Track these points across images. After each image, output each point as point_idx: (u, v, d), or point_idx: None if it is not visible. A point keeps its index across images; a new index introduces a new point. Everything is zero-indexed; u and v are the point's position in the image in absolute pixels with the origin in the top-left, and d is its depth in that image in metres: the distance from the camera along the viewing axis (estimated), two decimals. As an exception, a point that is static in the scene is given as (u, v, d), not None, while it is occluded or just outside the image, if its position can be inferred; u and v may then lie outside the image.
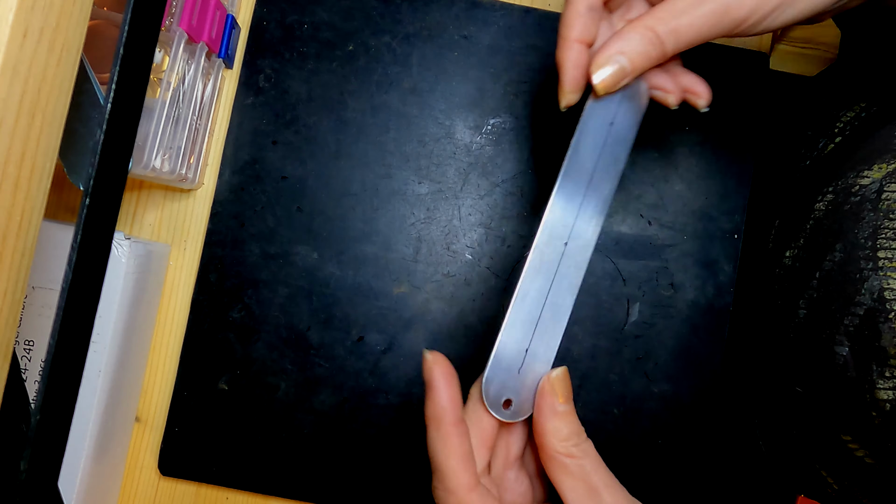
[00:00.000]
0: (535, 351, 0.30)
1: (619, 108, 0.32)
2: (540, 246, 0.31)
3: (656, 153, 0.44)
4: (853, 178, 0.37)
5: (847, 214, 0.36)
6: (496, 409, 0.30)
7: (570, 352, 0.43)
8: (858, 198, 0.36)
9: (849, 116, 0.45)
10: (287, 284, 0.43)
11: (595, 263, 0.44)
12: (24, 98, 0.22)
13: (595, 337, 0.43)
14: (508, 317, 0.31)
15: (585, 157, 0.32)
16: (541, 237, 0.31)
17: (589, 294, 0.43)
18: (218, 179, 0.44)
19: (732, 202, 0.44)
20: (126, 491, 0.43)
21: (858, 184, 0.36)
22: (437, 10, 0.45)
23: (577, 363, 0.43)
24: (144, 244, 0.40)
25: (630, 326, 0.43)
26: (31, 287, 0.37)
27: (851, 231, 0.35)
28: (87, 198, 0.24)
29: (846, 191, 0.37)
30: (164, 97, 0.37)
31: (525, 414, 0.30)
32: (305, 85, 0.44)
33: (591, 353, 0.43)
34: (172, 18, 0.37)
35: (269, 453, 0.42)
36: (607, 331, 0.43)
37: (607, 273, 0.44)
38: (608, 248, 0.44)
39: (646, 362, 0.43)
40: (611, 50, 0.30)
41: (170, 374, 0.44)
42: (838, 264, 0.35)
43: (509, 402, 0.30)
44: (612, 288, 0.43)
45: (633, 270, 0.44)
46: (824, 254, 0.36)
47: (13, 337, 0.24)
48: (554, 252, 0.31)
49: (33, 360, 0.37)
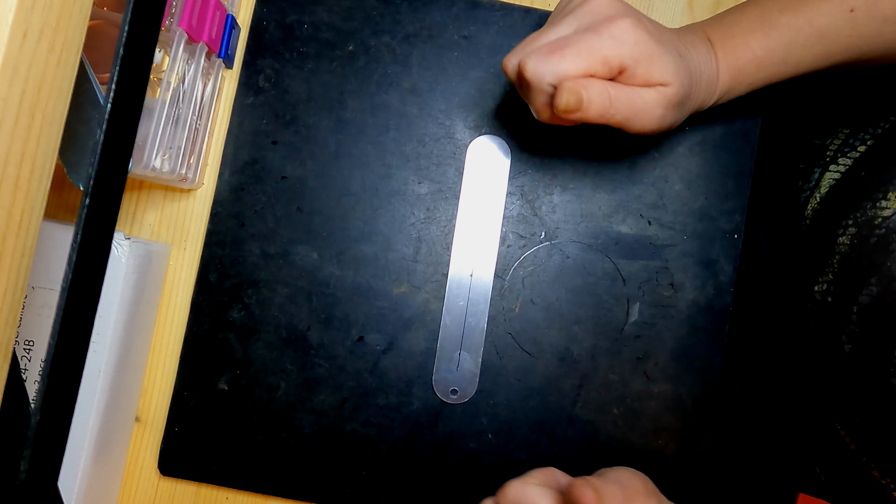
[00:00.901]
0: (464, 355, 0.43)
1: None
2: (452, 276, 0.43)
3: (656, 153, 0.44)
4: (871, 209, 0.38)
5: (876, 248, 0.37)
6: (446, 396, 0.43)
7: (570, 352, 0.43)
8: (884, 230, 0.37)
9: (836, 145, 0.45)
10: (287, 284, 0.43)
11: (595, 263, 0.44)
12: (24, 98, 0.22)
13: (595, 337, 0.43)
14: (441, 332, 0.43)
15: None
16: (452, 269, 0.43)
17: (589, 294, 0.43)
18: (218, 179, 0.44)
19: (732, 202, 0.44)
20: (126, 491, 0.43)
21: (880, 216, 0.38)
22: (437, 10, 0.45)
23: (577, 363, 0.43)
24: (144, 244, 0.40)
25: (630, 326, 0.43)
26: (31, 287, 0.37)
27: (884, 265, 0.36)
28: (87, 198, 0.24)
29: (868, 224, 0.38)
30: (164, 97, 0.37)
31: (467, 397, 0.42)
32: (305, 85, 0.44)
33: (591, 353, 0.43)
34: (172, 18, 0.37)
35: (269, 453, 0.42)
36: (607, 331, 0.43)
37: (607, 273, 0.44)
38: (608, 248, 0.44)
39: (646, 362, 0.43)
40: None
41: (170, 374, 0.44)
42: (877, 298, 0.36)
43: (455, 390, 0.42)
44: (612, 288, 0.43)
45: (633, 270, 0.44)
46: (860, 288, 0.37)
47: (13, 337, 0.24)
48: (463, 282, 0.43)
49: (33, 360, 0.37)
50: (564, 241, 0.44)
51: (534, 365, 0.43)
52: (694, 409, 0.43)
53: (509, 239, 0.44)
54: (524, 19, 0.45)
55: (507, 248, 0.44)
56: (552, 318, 0.43)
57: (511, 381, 0.43)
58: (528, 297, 0.43)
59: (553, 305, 0.43)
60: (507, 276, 0.44)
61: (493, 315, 0.43)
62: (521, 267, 0.43)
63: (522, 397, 0.43)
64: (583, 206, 0.44)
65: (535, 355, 0.43)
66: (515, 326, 0.43)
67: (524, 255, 0.43)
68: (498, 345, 0.43)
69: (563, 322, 0.43)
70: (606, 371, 0.43)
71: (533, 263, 0.44)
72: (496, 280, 0.43)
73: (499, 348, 0.43)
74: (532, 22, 0.45)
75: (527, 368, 0.43)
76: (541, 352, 0.43)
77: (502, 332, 0.43)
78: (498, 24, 0.45)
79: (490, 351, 0.43)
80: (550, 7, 0.46)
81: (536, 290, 0.43)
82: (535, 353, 0.43)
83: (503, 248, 0.44)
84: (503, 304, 0.43)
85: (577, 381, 0.43)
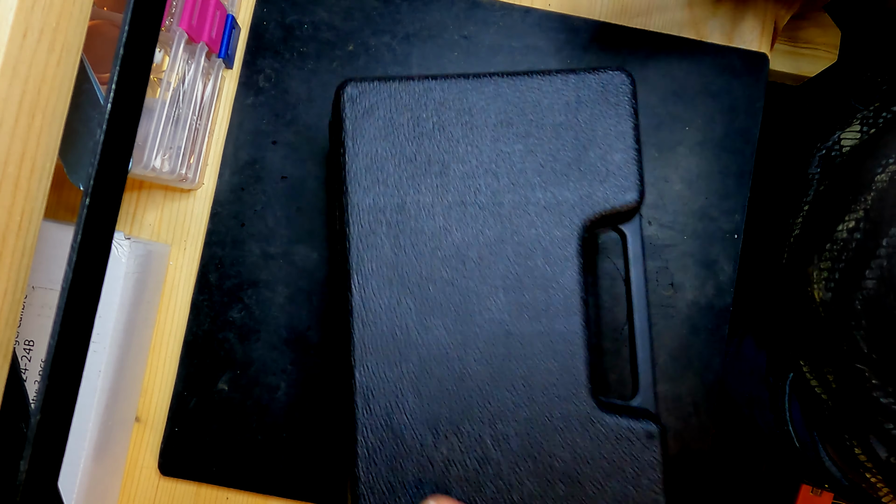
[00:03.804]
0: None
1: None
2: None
3: (656, 153, 0.44)
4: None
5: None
6: None
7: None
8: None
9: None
10: (287, 284, 0.43)
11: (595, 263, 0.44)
12: (24, 98, 0.22)
13: (595, 337, 0.43)
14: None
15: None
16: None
17: (589, 294, 0.43)
18: (218, 179, 0.44)
19: (732, 202, 0.44)
20: (126, 491, 0.43)
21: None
22: (437, 10, 0.45)
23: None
24: (144, 244, 0.40)
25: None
26: (31, 287, 0.37)
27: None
28: (87, 198, 0.24)
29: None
30: (164, 97, 0.37)
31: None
32: (305, 85, 0.44)
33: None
34: (172, 18, 0.37)
35: (269, 453, 0.42)
36: (607, 331, 0.43)
37: (607, 273, 0.44)
38: (608, 248, 0.44)
39: (646, 362, 0.43)
40: None
41: (170, 374, 0.44)
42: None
43: None
44: (613, 288, 0.43)
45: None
46: (892, 221, 0.36)
47: (13, 337, 0.24)
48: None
49: (33, 360, 0.37)
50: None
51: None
52: (694, 409, 0.43)
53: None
54: (524, 19, 0.45)
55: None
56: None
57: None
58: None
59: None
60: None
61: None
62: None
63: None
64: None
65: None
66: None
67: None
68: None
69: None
70: (606, 371, 0.43)
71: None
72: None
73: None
74: (532, 22, 0.45)
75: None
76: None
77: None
78: (498, 24, 0.45)
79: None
80: (551, 7, 0.46)
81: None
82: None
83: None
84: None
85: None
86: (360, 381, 0.33)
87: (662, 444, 0.33)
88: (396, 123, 0.34)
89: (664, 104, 0.44)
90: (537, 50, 0.45)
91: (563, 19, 0.45)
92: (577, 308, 0.34)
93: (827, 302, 0.40)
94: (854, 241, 0.38)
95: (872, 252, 0.37)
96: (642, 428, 0.33)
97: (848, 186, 0.41)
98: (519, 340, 0.33)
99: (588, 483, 0.33)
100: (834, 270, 0.40)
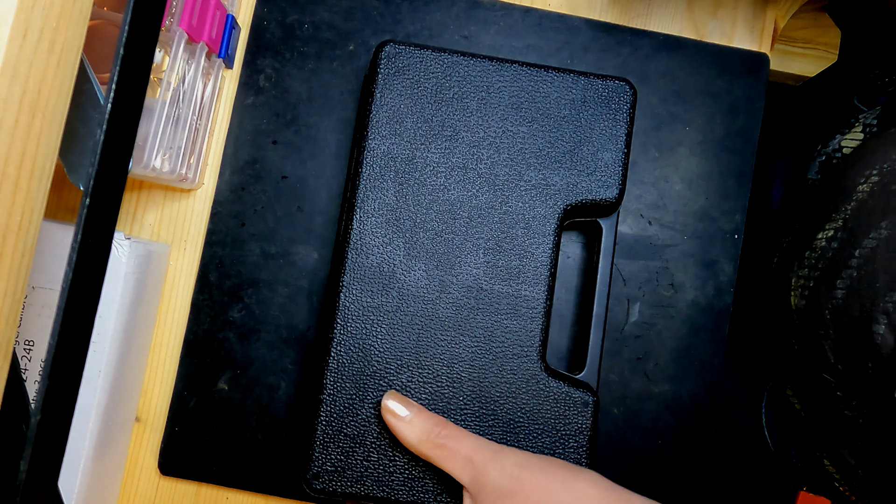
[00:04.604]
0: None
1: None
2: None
3: (656, 153, 0.44)
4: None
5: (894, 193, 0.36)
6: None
7: (570, 352, 0.43)
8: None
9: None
10: (287, 284, 0.43)
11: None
12: (24, 98, 0.22)
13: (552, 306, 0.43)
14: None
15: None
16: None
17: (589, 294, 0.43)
18: (218, 179, 0.44)
19: (732, 202, 0.44)
20: (126, 491, 0.43)
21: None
22: (437, 10, 0.45)
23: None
24: (144, 244, 0.40)
25: (630, 326, 0.43)
26: (31, 287, 0.37)
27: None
28: (87, 198, 0.24)
29: (892, 172, 0.37)
30: (164, 97, 0.37)
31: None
32: (305, 85, 0.44)
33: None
34: (172, 18, 0.37)
35: (269, 453, 0.42)
36: (607, 331, 0.43)
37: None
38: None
39: (646, 362, 0.43)
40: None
41: (170, 374, 0.44)
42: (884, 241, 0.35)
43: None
44: (612, 288, 0.43)
45: (633, 270, 0.44)
46: (867, 232, 0.36)
47: (13, 337, 0.24)
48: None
49: (33, 360, 0.37)
50: (565, 240, 0.44)
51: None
52: (694, 409, 0.43)
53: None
54: (524, 19, 0.45)
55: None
56: (552, 318, 0.43)
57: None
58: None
59: (553, 305, 0.43)
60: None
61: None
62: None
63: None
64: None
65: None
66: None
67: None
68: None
69: (563, 322, 0.43)
70: (606, 371, 0.43)
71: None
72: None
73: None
74: (532, 22, 0.45)
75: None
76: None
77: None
78: (498, 24, 0.45)
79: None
80: (551, 7, 0.46)
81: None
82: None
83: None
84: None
85: (577, 381, 0.43)
86: (343, 303, 0.37)
87: (594, 415, 0.37)
88: (422, 86, 0.38)
89: (664, 104, 0.44)
90: (537, 50, 0.45)
91: (563, 19, 0.45)
92: (544, 278, 0.38)
93: (801, 309, 0.40)
94: (831, 249, 0.39)
95: (845, 262, 0.37)
96: (580, 396, 0.37)
97: (832, 194, 0.41)
98: (488, 297, 0.37)
99: (523, 434, 0.37)
100: (809, 279, 0.40)
